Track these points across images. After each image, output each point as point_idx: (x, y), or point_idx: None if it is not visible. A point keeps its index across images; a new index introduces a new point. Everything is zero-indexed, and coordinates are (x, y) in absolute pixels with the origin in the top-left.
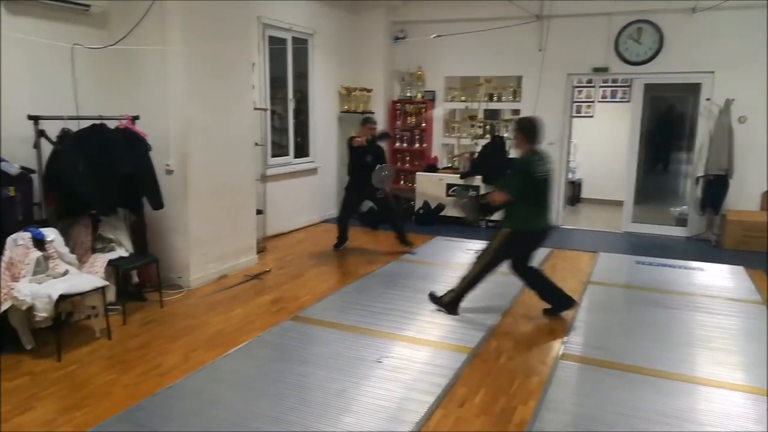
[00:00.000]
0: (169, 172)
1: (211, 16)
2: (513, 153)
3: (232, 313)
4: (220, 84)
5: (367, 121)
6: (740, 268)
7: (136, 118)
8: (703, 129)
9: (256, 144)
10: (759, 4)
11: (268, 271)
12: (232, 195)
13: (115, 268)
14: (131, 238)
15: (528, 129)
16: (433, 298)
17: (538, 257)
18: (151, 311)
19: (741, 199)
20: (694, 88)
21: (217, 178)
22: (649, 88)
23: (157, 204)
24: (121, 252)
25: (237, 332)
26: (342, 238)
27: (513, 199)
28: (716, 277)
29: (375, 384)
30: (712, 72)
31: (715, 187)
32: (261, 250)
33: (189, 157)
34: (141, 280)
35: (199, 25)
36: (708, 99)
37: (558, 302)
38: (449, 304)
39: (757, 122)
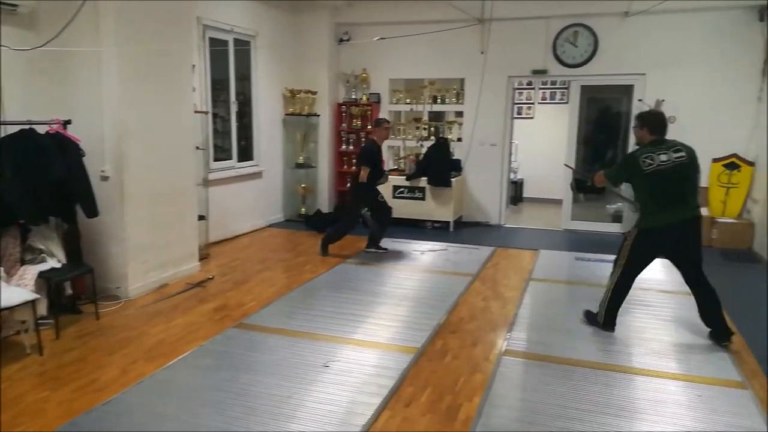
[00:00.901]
0: (105, 178)
1: (148, 16)
2: (457, 154)
3: (173, 323)
4: (159, 86)
5: (384, 121)
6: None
7: (67, 122)
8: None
9: (198, 148)
10: (687, 7)
11: (211, 278)
12: (173, 200)
13: (46, 279)
14: (64, 248)
15: (647, 121)
16: (589, 317)
17: (484, 255)
18: (87, 324)
19: None
20: (628, 89)
21: (156, 184)
22: (585, 90)
23: (92, 211)
24: (52, 263)
25: (179, 342)
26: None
27: (611, 184)
28: (649, 270)
29: (322, 389)
30: (644, 74)
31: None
32: (204, 257)
33: (125, 162)
34: (75, 292)
35: (134, 25)
36: (640, 100)
37: (716, 331)
38: (604, 324)
39: (685, 122)
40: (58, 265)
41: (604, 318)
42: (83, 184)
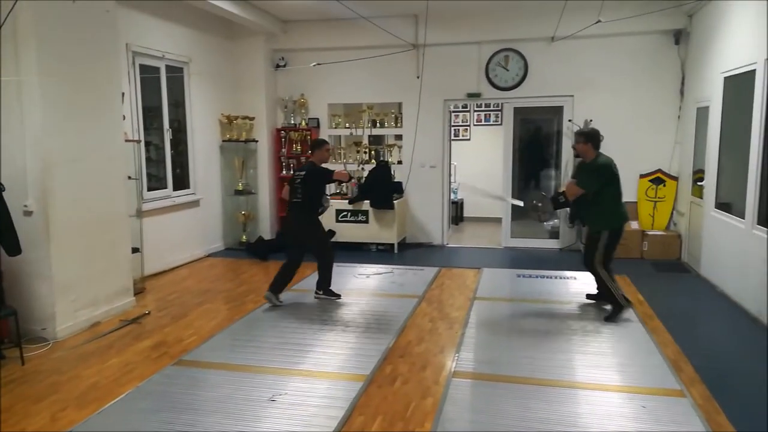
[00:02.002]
0: (28, 212)
1: (73, 43)
2: (398, 177)
3: (106, 364)
4: (86, 115)
5: (324, 142)
6: None
7: None
8: (567, 147)
9: (130, 177)
10: (608, 32)
11: (147, 314)
12: (103, 233)
13: None
14: None
15: (593, 137)
16: (614, 313)
17: (429, 276)
18: (11, 370)
19: None
20: (558, 110)
21: (84, 217)
22: (518, 111)
23: (14, 249)
24: None
25: (113, 385)
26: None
27: (587, 190)
28: (587, 284)
29: (269, 424)
30: (572, 95)
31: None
32: (139, 291)
33: (50, 195)
34: None
35: (58, 52)
36: (570, 120)
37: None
38: (627, 302)
39: (612, 140)
40: None
41: (623, 299)
42: (3, 220)
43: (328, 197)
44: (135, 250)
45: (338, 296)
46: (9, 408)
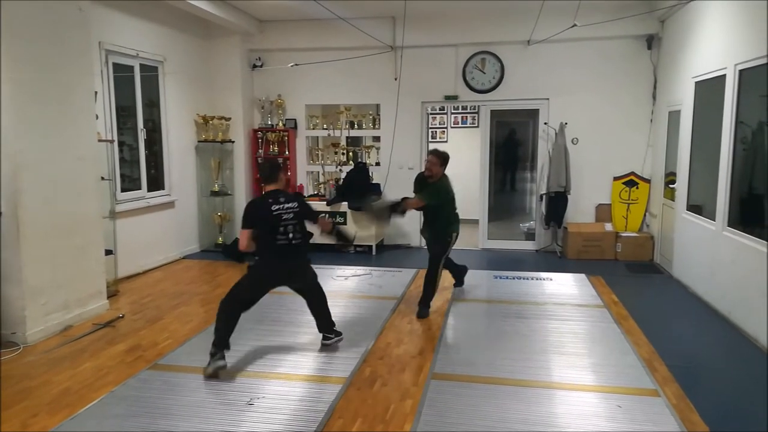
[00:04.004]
0: None
1: (43, 40)
2: (376, 178)
3: (79, 369)
4: (56, 115)
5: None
6: (582, 276)
7: None
8: (543, 150)
9: (103, 178)
10: (582, 36)
11: (121, 317)
12: (75, 235)
13: None
14: None
15: (447, 160)
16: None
17: (407, 278)
18: None
19: (578, 212)
20: (534, 113)
21: (55, 218)
22: (494, 114)
23: None
24: None
25: (86, 390)
26: None
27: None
28: (563, 286)
29: (247, 428)
30: (547, 99)
31: (556, 202)
32: (113, 294)
33: (20, 196)
34: None
35: (28, 50)
36: (546, 123)
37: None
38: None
39: (586, 143)
40: None
41: (432, 297)
42: None
43: None
44: (108, 252)
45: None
46: None
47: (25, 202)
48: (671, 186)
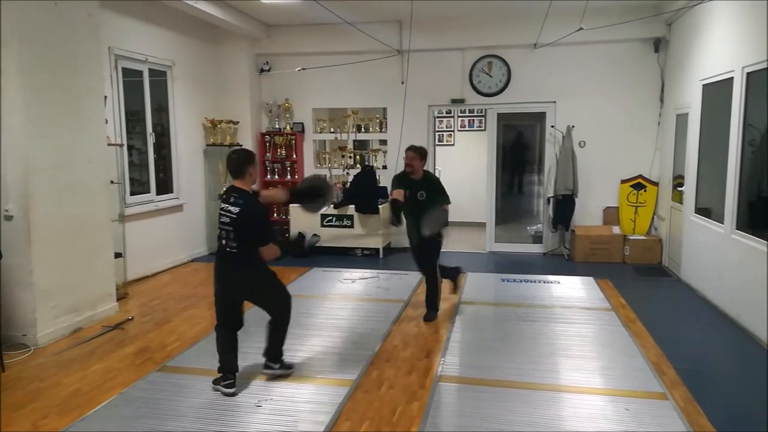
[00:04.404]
0: (8, 217)
1: (54, 46)
2: (383, 182)
3: (89, 370)
4: (67, 119)
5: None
6: (590, 279)
7: None
8: (550, 153)
9: (112, 182)
10: (589, 39)
11: (130, 320)
12: (85, 238)
13: None
14: None
15: (426, 156)
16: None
17: (414, 281)
18: None
19: (586, 215)
20: (541, 117)
21: (66, 221)
22: (501, 117)
23: None
24: None
25: (95, 391)
26: None
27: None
28: (570, 289)
29: (255, 431)
30: (554, 102)
31: (564, 205)
32: (122, 297)
33: (31, 199)
34: None
35: (40, 55)
36: (553, 126)
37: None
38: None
39: (594, 146)
40: None
41: (439, 299)
42: None
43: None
44: (117, 255)
45: (292, 368)
46: None
47: (36, 206)
48: (679, 189)
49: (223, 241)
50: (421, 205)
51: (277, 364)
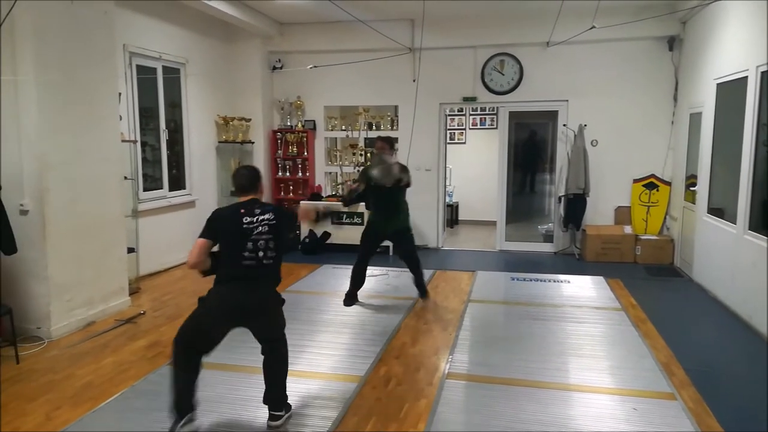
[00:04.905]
0: (24, 212)
1: (70, 43)
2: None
3: (101, 363)
4: (82, 115)
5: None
6: (601, 278)
7: None
8: (562, 152)
9: (126, 178)
10: (602, 38)
11: (142, 314)
12: (99, 233)
13: None
14: None
15: (393, 142)
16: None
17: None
18: (6, 369)
19: (597, 214)
20: (553, 115)
21: (80, 217)
22: (513, 116)
23: (9, 248)
24: None
25: (108, 384)
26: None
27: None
28: (581, 288)
29: (264, 424)
30: (567, 100)
31: (575, 204)
32: (134, 291)
33: (47, 194)
34: None
35: (55, 52)
36: (564, 125)
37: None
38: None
39: (606, 145)
40: None
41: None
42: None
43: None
44: (130, 250)
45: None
46: (4, 406)
47: (51, 201)
48: (692, 189)
49: (260, 253)
50: (388, 193)
51: (284, 410)
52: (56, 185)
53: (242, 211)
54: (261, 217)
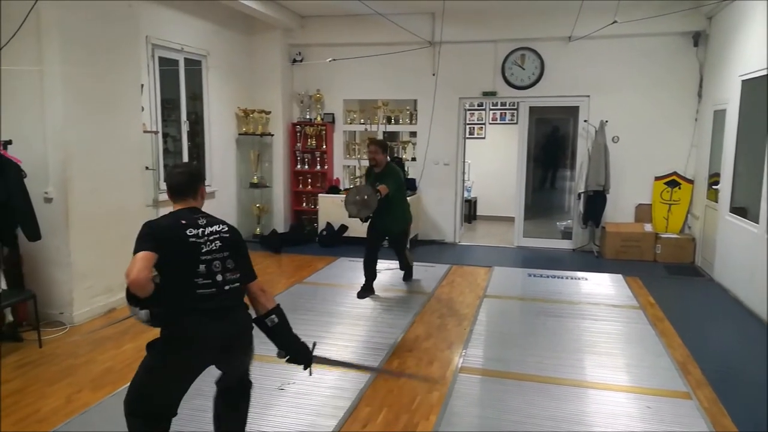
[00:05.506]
0: (48, 200)
1: (94, 35)
2: (411, 174)
3: (121, 349)
4: (105, 106)
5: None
6: (619, 276)
7: (8, 142)
8: (583, 148)
9: (147, 168)
10: (626, 32)
11: None
12: (121, 222)
13: None
14: (4, 273)
15: (386, 145)
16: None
17: (440, 273)
18: (29, 352)
19: (617, 212)
20: (574, 111)
21: (102, 205)
22: (533, 111)
23: (34, 235)
24: None
25: (127, 369)
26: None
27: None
28: (599, 286)
29: (278, 412)
30: (588, 96)
31: (595, 201)
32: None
33: (70, 183)
34: (16, 319)
35: (80, 44)
36: (585, 120)
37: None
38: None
39: (628, 142)
40: None
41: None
42: (24, 206)
43: None
44: None
45: None
46: (26, 388)
47: (74, 190)
48: (714, 187)
49: (219, 277)
50: (389, 196)
51: None
52: (79, 174)
53: (183, 222)
54: (209, 229)
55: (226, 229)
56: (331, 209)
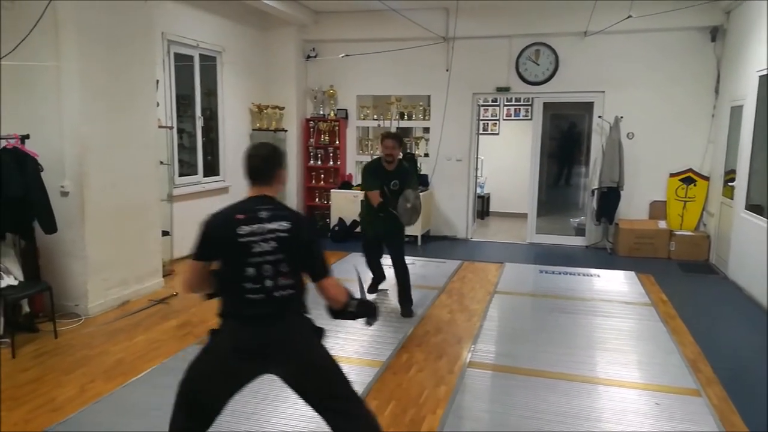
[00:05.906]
0: (65, 193)
1: (110, 31)
2: (424, 170)
3: (134, 341)
4: (121, 101)
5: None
6: (632, 273)
7: (25, 137)
8: (597, 144)
9: (162, 163)
10: (642, 28)
11: (174, 295)
12: (135, 216)
13: (2, 297)
14: (21, 265)
15: (403, 139)
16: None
17: (451, 269)
18: (45, 342)
19: (631, 209)
20: (588, 107)
21: (118, 199)
22: (548, 107)
23: (50, 228)
24: (9, 280)
25: (139, 360)
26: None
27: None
28: (611, 283)
29: (286, 405)
30: (603, 92)
31: (609, 198)
32: (168, 273)
33: (86, 177)
34: (33, 310)
35: (97, 40)
36: (600, 116)
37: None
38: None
39: (643, 138)
40: (15, 283)
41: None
42: (41, 199)
43: None
44: (165, 234)
45: None
46: (41, 378)
47: (90, 183)
48: (730, 184)
49: (268, 282)
50: (394, 195)
51: None
52: (95, 168)
53: (239, 216)
54: (268, 226)
55: (289, 226)
56: (343, 205)
